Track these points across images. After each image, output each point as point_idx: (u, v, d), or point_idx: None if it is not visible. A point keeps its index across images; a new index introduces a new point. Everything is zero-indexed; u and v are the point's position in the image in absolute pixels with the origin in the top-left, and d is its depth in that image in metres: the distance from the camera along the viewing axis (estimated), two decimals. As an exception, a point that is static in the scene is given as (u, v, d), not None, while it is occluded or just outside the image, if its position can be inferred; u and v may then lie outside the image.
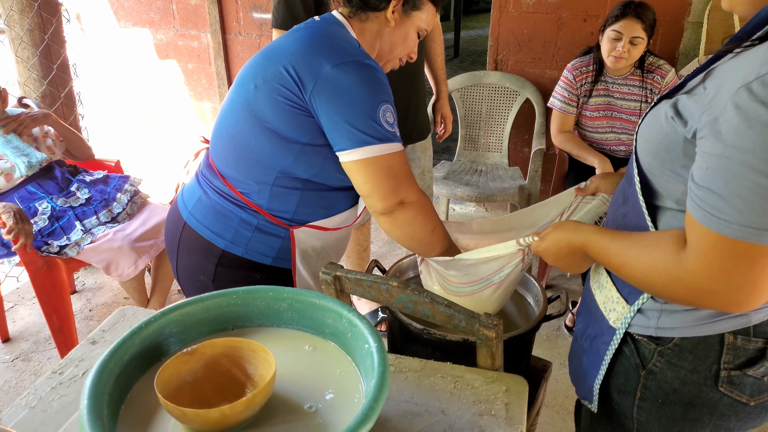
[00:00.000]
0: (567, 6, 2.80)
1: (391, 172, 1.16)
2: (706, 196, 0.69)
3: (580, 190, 1.29)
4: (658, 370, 0.90)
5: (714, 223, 0.69)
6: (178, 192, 1.38)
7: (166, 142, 4.03)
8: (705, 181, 0.69)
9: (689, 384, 0.88)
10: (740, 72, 0.67)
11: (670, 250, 0.76)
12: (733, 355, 0.84)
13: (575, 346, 1.08)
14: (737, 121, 0.65)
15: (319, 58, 1.14)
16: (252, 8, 3.36)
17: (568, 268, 0.99)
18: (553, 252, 0.99)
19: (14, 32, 2.33)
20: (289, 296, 0.96)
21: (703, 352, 0.85)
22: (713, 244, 0.69)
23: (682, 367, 0.87)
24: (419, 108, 2.11)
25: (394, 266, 1.49)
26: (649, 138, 0.82)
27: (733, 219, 0.67)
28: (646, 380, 0.91)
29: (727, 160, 0.66)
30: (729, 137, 0.66)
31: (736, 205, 0.66)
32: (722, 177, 0.67)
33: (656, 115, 0.81)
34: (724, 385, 0.86)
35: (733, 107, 0.65)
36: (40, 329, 2.40)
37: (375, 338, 0.85)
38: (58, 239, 2.00)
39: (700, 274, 0.71)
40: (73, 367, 1.04)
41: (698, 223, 0.71)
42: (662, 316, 0.87)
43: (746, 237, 0.67)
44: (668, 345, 0.88)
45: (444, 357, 1.13)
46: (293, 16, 1.80)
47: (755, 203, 0.65)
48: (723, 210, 0.68)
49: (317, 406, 0.83)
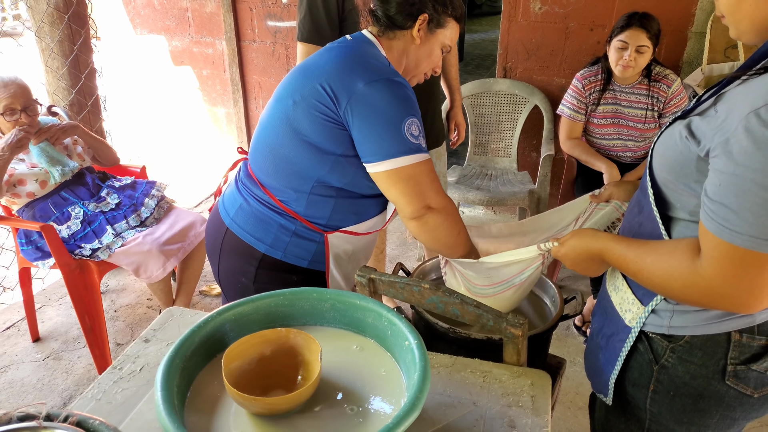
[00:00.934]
0: (574, 16, 2.89)
1: (416, 180, 1.25)
2: (719, 210, 0.78)
3: (594, 197, 1.37)
4: (670, 365, 0.98)
5: (726, 234, 0.77)
6: (218, 200, 1.47)
7: (183, 147, 4.11)
8: (718, 195, 0.78)
9: (699, 378, 0.96)
10: (749, 98, 0.75)
11: (685, 258, 0.84)
12: (739, 352, 0.93)
13: (591, 344, 1.16)
14: (747, 143, 0.73)
15: (352, 75, 1.23)
16: (267, 17, 3.45)
17: (586, 271, 1.08)
18: (572, 257, 1.08)
19: (44, 43, 2.43)
20: (332, 297, 1.05)
21: (712, 349, 0.94)
22: (726, 253, 0.78)
23: (692, 362, 0.96)
24: (435, 116, 2.20)
25: (417, 269, 1.58)
26: (664, 155, 0.91)
27: (744, 230, 0.75)
28: (659, 374, 1.00)
29: (738, 178, 0.75)
30: (740, 157, 0.74)
31: (747, 218, 0.75)
32: (733, 193, 0.76)
33: (671, 134, 0.90)
34: (731, 379, 0.94)
35: (744, 130, 0.74)
36: (68, 329, 2.49)
37: (414, 335, 0.94)
38: (90, 242, 2.09)
39: (714, 279, 0.80)
40: (130, 363, 1.12)
41: (712, 234, 0.79)
42: (674, 316, 0.96)
43: (755, 247, 0.75)
44: (680, 342, 0.96)
45: (468, 354, 1.21)
46: (318, 30, 1.88)
47: (763, 217, 0.74)
48: (734, 222, 0.76)
49: (364, 397, 0.91)
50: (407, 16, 1.30)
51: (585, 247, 1.04)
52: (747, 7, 0.85)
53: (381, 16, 1.32)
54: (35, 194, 2.13)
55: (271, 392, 0.93)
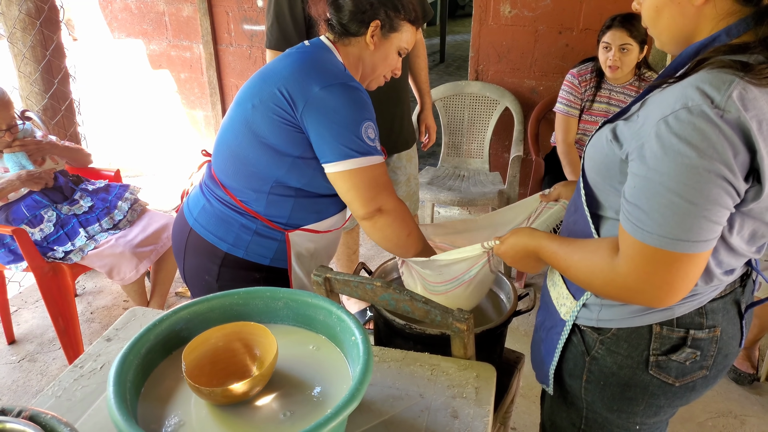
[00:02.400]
0: (543, 19, 2.95)
1: (372, 181, 1.30)
2: (633, 210, 0.83)
3: (544, 196, 1.43)
4: (600, 356, 1.04)
5: (639, 234, 0.82)
6: (184, 201, 1.51)
7: (161, 150, 4.13)
8: (633, 197, 0.83)
9: (625, 368, 1.02)
10: (662, 105, 0.81)
11: (605, 256, 0.90)
12: (660, 343, 0.99)
13: (535, 336, 1.22)
14: (656, 148, 0.79)
15: (308, 80, 1.27)
16: (243, 20, 3.49)
17: (525, 268, 1.13)
18: (511, 254, 1.13)
19: (17, 48, 2.45)
20: (284, 296, 1.09)
21: (636, 341, 1.00)
22: (638, 251, 0.83)
23: (619, 353, 1.02)
24: (404, 119, 2.25)
25: (379, 268, 1.63)
26: (593, 157, 0.96)
27: (654, 230, 0.81)
28: (590, 365, 1.06)
29: (649, 181, 0.80)
30: (650, 161, 0.80)
31: (656, 219, 0.80)
32: (645, 195, 0.81)
33: (599, 137, 0.95)
34: (653, 369, 1.00)
35: (655, 136, 0.79)
36: (43, 331, 2.51)
37: (360, 330, 0.98)
38: (63, 245, 2.12)
39: (628, 275, 0.85)
40: (91, 361, 1.16)
41: (627, 233, 0.85)
42: (602, 309, 1.02)
43: (664, 245, 0.81)
44: (607, 335, 1.02)
45: (425, 349, 1.26)
46: (285, 37, 1.93)
47: (670, 218, 0.79)
48: (646, 222, 0.81)
49: (314, 388, 0.96)
50: (360, 24, 1.35)
51: (522, 245, 1.09)
52: (665, 20, 0.91)
53: (335, 24, 1.37)
54: (8, 198, 2.15)
55: (228, 382, 0.97)
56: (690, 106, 0.76)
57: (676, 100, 0.79)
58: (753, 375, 2.19)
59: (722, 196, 0.78)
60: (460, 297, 1.37)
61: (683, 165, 0.76)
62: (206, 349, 0.98)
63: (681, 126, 0.77)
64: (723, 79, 0.77)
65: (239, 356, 1.00)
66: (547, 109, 2.94)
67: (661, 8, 0.90)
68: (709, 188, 0.77)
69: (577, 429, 1.16)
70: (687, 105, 0.77)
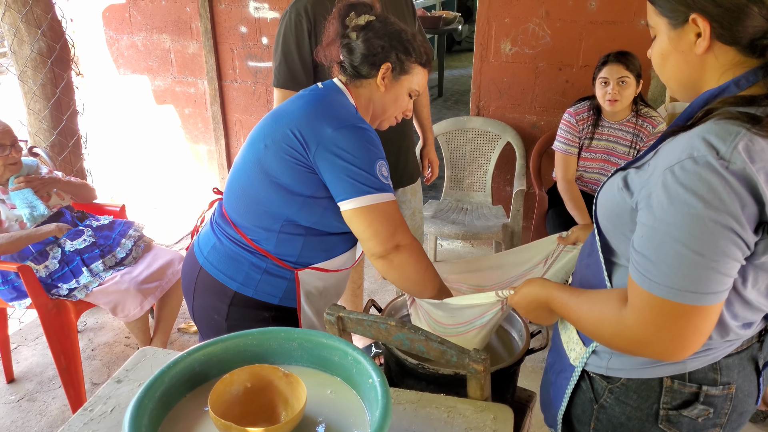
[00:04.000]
0: (543, 56, 3.01)
1: (389, 218, 1.30)
2: (641, 260, 0.82)
3: (562, 239, 1.43)
4: (608, 405, 1.02)
5: (647, 284, 0.81)
6: (194, 239, 1.51)
7: (165, 184, 4.15)
8: (641, 247, 0.83)
9: (634, 419, 1.00)
10: (669, 155, 0.81)
11: (614, 307, 0.88)
12: (671, 397, 0.96)
13: (545, 378, 1.21)
14: (663, 197, 0.79)
15: (321, 122, 1.29)
16: (247, 57, 3.54)
17: (538, 320, 1.12)
18: (523, 305, 1.12)
19: (27, 86, 2.48)
20: (299, 336, 1.08)
21: (646, 393, 0.97)
22: (646, 302, 0.82)
23: (628, 404, 0.99)
24: (409, 154, 2.27)
25: (388, 305, 1.62)
26: (604, 204, 0.96)
27: (661, 281, 0.80)
28: (598, 413, 1.04)
29: (656, 231, 0.80)
30: (657, 211, 0.80)
31: (663, 269, 0.79)
32: (652, 245, 0.81)
33: (611, 185, 0.95)
34: (663, 423, 0.97)
35: (661, 186, 0.79)
36: (43, 369, 2.47)
37: (378, 373, 0.97)
38: (67, 282, 2.10)
39: (636, 327, 0.84)
40: (101, 404, 1.14)
41: (635, 283, 0.84)
42: (612, 358, 1.00)
43: (672, 297, 0.79)
44: (617, 384, 1.00)
45: (437, 389, 1.25)
46: (293, 76, 1.95)
47: (677, 269, 0.78)
48: (653, 273, 0.80)
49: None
50: (371, 66, 1.38)
51: (534, 296, 1.08)
52: (670, 68, 0.92)
53: (347, 67, 1.40)
54: (14, 235, 2.15)
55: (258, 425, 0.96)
56: (695, 156, 0.77)
57: (682, 151, 0.79)
58: (766, 412, 2.17)
59: (730, 247, 0.77)
60: (471, 341, 1.36)
61: (689, 215, 0.76)
62: (232, 391, 0.97)
63: (686, 176, 0.77)
64: (729, 131, 0.77)
65: (268, 400, 0.98)
66: (549, 143, 2.96)
67: (666, 56, 0.91)
68: (717, 239, 0.76)
69: None
70: (692, 155, 0.77)
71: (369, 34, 1.37)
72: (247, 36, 3.49)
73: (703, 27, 0.84)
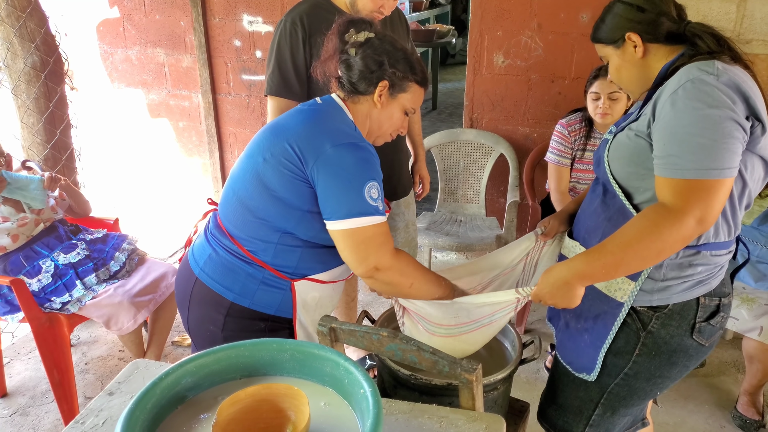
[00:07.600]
0: (535, 69, 3.04)
1: (367, 241, 1.30)
2: (669, 159, 1.08)
3: (545, 235, 1.50)
4: (655, 330, 1.25)
5: (679, 173, 1.07)
6: (188, 250, 1.51)
7: (159, 197, 4.15)
8: (665, 151, 1.08)
9: (675, 336, 1.24)
10: (667, 89, 1.11)
11: (652, 216, 1.09)
12: (703, 312, 1.23)
13: (567, 332, 1.36)
14: (676, 109, 1.07)
15: (320, 138, 1.30)
16: (241, 71, 3.57)
17: (567, 303, 1.22)
18: (549, 292, 1.23)
19: (20, 100, 2.48)
20: (291, 347, 1.08)
21: (686, 312, 1.23)
22: (682, 186, 1.06)
23: (671, 325, 1.24)
24: (403, 166, 2.28)
25: (382, 316, 1.63)
26: (622, 155, 1.21)
27: (690, 166, 1.05)
28: (645, 339, 1.26)
29: (675, 134, 1.07)
30: (673, 121, 1.07)
31: (689, 158, 1.05)
32: (675, 143, 1.06)
33: (619, 141, 1.22)
34: (696, 334, 1.24)
35: (670, 105, 1.08)
36: (36, 384, 2.45)
37: (369, 383, 0.97)
38: (60, 296, 2.10)
39: (679, 210, 1.06)
40: (93, 416, 1.14)
41: (667, 179, 1.08)
42: (658, 291, 1.22)
43: (701, 176, 1.05)
44: (664, 311, 1.23)
45: (430, 400, 1.25)
46: (286, 84, 1.94)
47: (700, 153, 1.05)
48: (681, 163, 1.06)
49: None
50: (368, 83, 1.39)
51: (560, 277, 1.20)
52: (626, 76, 1.28)
53: (345, 83, 1.41)
54: (6, 248, 2.14)
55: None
56: (692, 78, 1.08)
57: (679, 80, 1.09)
58: (759, 421, 2.17)
59: (734, 130, 1.05)
60: (473, 340, 1.38)
61: (699, 115, 1.05)
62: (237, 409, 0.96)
63: (689, 92, 1.06)
64: (706, 62, 1.10)
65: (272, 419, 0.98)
66: (542, 155, 2.98)
67: (620, 69, 1.28)
68: (722, 127, 1.04)
69: (594, 404, 1.33)
70: (690, 78, 1.08)
71: (368, 51, 1.38)
72: (241, 49, 3.51)
73: (636, 39, 1.22)
